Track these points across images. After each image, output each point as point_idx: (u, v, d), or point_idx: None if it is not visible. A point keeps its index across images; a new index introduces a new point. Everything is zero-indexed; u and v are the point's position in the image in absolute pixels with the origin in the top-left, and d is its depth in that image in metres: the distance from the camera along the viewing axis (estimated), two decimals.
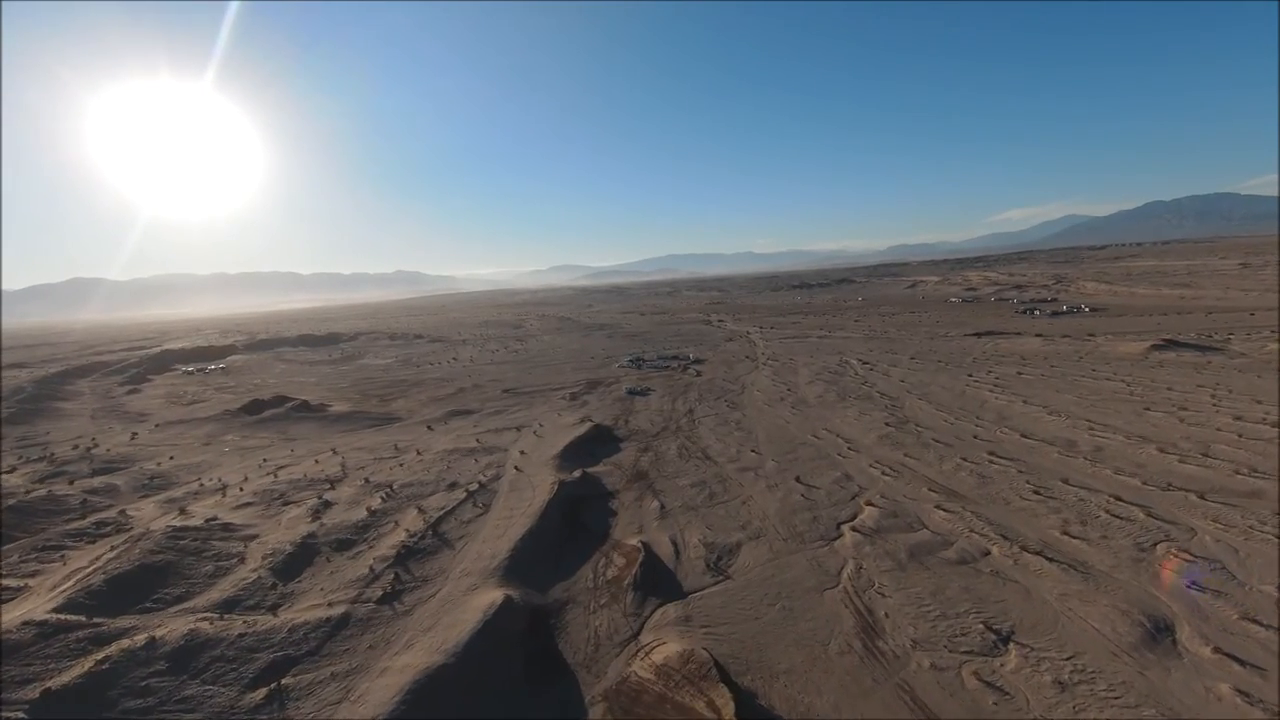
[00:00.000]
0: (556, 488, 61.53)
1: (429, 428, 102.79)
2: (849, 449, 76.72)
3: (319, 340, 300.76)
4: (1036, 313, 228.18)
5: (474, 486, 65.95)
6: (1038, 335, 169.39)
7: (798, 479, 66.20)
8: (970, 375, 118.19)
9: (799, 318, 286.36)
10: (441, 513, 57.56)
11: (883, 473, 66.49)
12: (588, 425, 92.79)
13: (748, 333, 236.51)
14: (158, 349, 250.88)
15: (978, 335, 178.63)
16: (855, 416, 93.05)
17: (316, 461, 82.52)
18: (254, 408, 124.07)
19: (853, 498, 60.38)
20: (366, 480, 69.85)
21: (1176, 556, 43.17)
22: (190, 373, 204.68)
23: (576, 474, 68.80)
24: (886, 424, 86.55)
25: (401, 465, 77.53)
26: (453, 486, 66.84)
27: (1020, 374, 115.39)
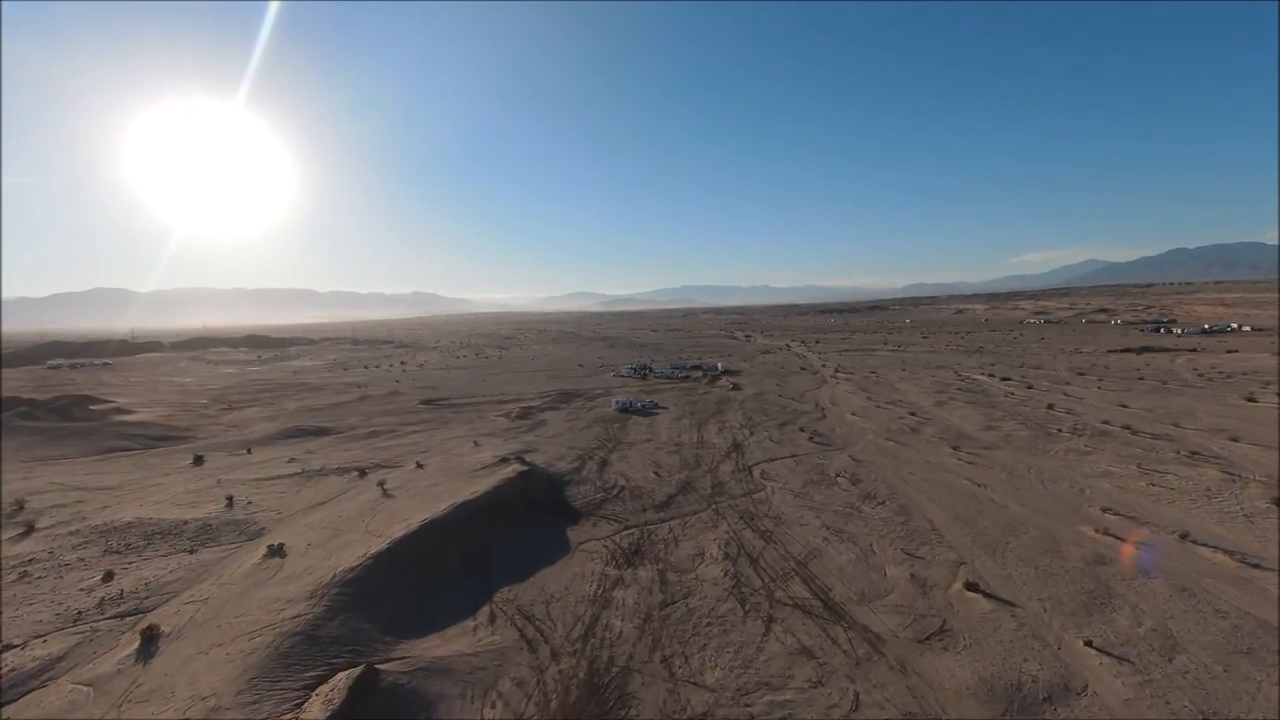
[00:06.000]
0: None
1: (198, 459, 50.37)
2: None
3: (268, 343, 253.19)
4: (1177, 331, 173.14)
5: None
6: (1232, 352, 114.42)
7: None
8: (1253, 401, 63.72)
9: (844, 335, 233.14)
10: None
11: None
12: (507, 471, 39.69)
13: (787, 346, 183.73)
14: (45, 341, 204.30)
15: (1134, 351, 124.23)
16: (1134, 473, 39.05)
17: None
18: None
19: None
20: None
21: None
22: (54, 368, 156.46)
23: None
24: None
25: None
26: None
27: None
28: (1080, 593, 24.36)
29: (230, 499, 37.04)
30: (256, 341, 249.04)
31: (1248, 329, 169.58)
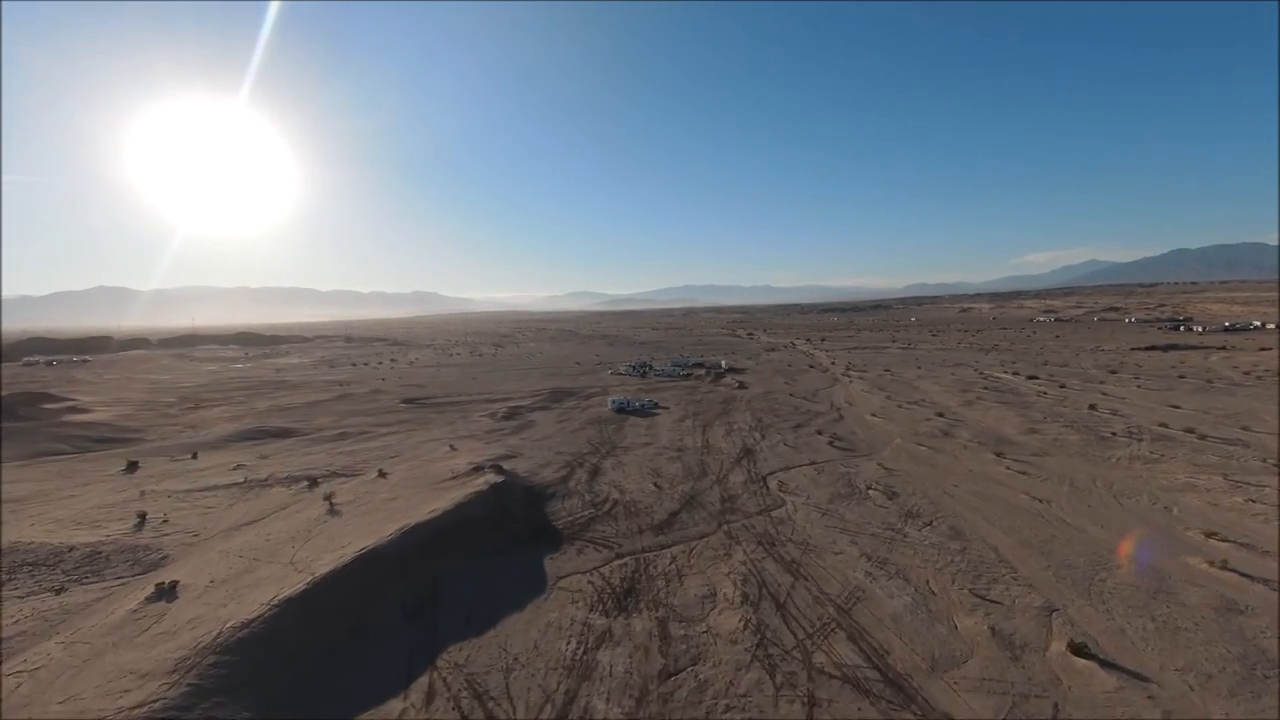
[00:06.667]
0: None
1: (131, 465, 44.21)
2: None
3: (258, 340, 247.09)
4: (1198, 329, 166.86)
5: None
6: (1265, 349, 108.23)
7: None
8: None
9: (850, 333, 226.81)
10: None
11: None
12: (477, 483, 33.45)
13: (792, 343, 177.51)
14: (27, 338, 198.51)
15: (1162, 349, 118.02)
16: (1223, 486, 32.76)
17: None
18: None
19: None
20: None
21: None
22: (30, 364, 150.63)
23: None
24: None
25: None
26: None
27: None
28: (1228, 659, 18.08)
29: (143, 516, 30.81)
30: (247, 339, 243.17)
31: (1271, 326, 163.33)
